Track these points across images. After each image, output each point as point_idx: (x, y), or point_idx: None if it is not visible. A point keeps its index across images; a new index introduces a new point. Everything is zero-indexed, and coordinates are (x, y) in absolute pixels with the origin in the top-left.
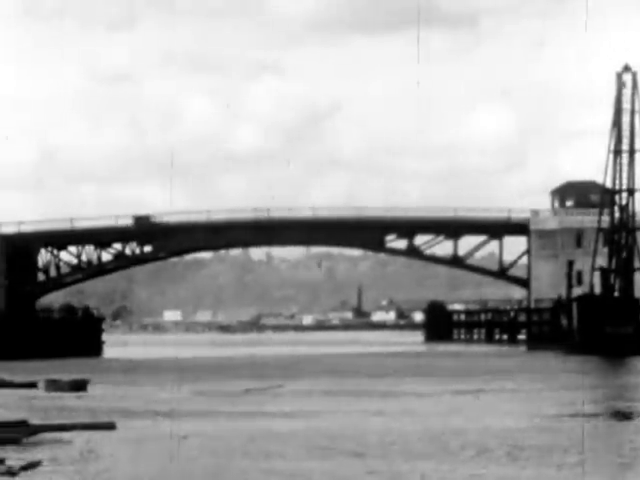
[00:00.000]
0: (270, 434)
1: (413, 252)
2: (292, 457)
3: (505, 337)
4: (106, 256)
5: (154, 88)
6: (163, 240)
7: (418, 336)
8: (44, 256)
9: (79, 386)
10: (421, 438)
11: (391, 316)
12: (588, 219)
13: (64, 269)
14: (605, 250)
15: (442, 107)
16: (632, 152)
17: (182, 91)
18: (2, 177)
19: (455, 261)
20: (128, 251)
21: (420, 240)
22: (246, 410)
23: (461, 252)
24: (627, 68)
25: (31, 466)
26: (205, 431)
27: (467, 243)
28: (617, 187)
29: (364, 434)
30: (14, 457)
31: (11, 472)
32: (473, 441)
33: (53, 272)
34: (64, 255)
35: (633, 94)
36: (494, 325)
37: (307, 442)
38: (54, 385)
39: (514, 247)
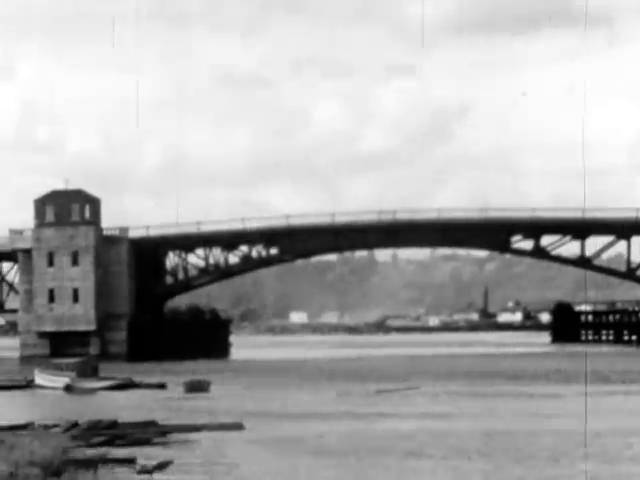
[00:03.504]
0: (410, 435)
1: (539, 253)
2: (434, 457)
3: (634, 338)
4: (233, 259)
5: (283, 92)
6: (289, 242)
7: (545, 337)
8: (172, 259)
9: (201, 387)
10: (569, 439)
11: (517, 317)
12: None
13: (192, 272)
14: None
15: (573, 106)
16: None
17: (312, 94)
18: (131, 181)
19: (582, 262)
20: (255, 253)
21: (546, 240)
22: (381, 411)
23: (588, 253)
24: None
25: (163, 465)
26: (340, 431)
27: (594, 243)
28: None
29: (508, 435)
30: (145, 457)
31: (146, 471)
32: (629, 443)
33: (181, 275)
34: (192, 258)
35: None
36: (623, 326)
37: (449, 443)
38: (185, 386)
39: None
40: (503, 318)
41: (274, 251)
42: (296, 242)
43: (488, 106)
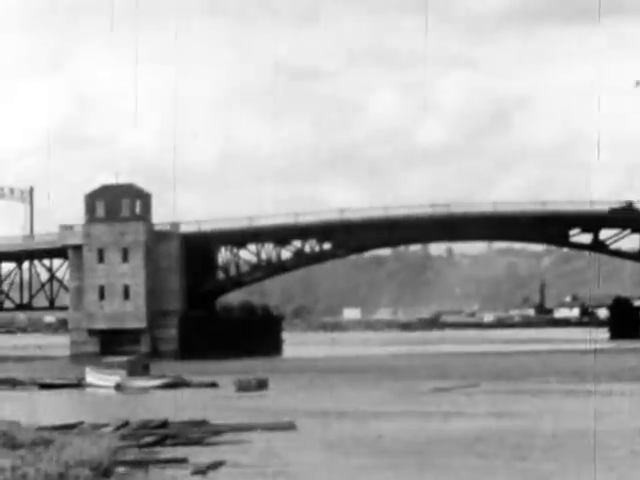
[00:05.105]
0: (472, 434)
1: (598, 247)
2: (498, 457)
3: None
4: (285, 254)
5: (339, 84)
6: (342, 237)
7: (603, 333)
8: (224, 255)
9: (251, 386)
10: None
11: (575, 313)
12: None
13: (243, 267)
14: None
15: (631, 98)
16: None
17: (369, 86)
18: (182, 176)
19: None
20: (307, 249)
21: (605, 234)
22: (441, 410)
23: None
24: None
25: (216, 465)
26: (399, 431)
27: None
28: None
29: (574, 435)
30: (197, 457)
31: (200, 471)
32: None
33: (233, 271)
34: (244, 253)
35: None
36: None
37: (514, 442)
38: (239, 384)
39: None
40: (560, 314)
41: (327, 246)
42: (350, 237)
43: (547, 98)
